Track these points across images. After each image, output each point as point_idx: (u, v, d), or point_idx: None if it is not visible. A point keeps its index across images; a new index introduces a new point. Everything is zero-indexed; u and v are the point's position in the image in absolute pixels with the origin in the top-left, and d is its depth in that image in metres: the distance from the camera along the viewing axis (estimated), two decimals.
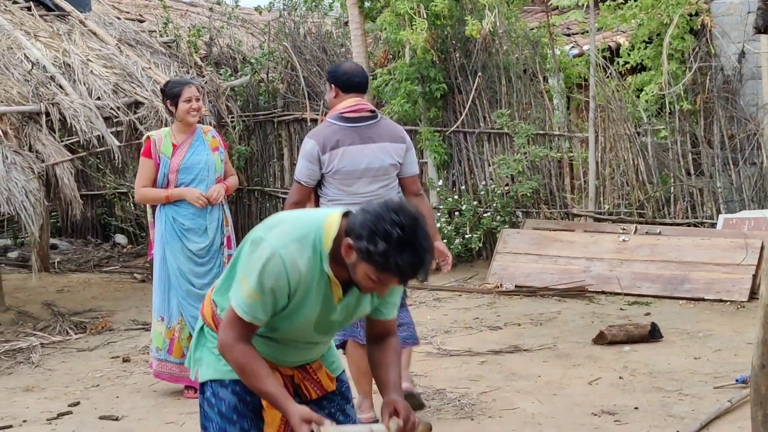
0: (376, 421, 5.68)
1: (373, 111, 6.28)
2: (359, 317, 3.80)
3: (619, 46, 12.11)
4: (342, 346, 6.13)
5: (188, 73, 11.01)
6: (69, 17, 11.22)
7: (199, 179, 7.13)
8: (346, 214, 3.57)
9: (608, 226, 10.58)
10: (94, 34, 10.94)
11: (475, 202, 11.23)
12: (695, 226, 10.42)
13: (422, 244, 3.41)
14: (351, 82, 6.29)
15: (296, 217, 3.67)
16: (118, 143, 9.81)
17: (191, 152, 7.13)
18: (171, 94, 7.12)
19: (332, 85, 6.32)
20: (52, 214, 14.06)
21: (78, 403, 7.18)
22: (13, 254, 13.53)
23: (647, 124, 10.80)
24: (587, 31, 11.58)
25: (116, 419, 6.81)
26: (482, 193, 11.29)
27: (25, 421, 6.84)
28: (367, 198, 5.96)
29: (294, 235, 3.55)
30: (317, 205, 6.22)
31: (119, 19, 11.80)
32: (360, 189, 6.17)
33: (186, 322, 7.09)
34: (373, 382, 4.21)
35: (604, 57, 11.19)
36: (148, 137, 7.19)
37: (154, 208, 7.27)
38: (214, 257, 7.16)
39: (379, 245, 3.36)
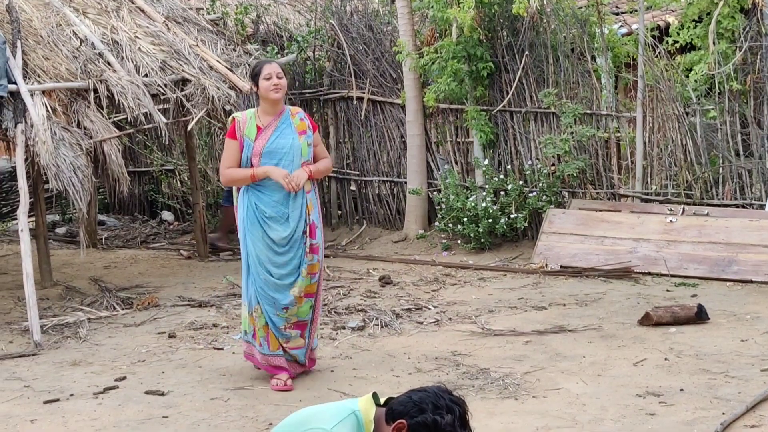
0: None
1: None
2: None
3: (668, 25, 11.98)
4: None
5: (235, 51, 11.02)
6: None
7: (283, 164, 6.83)
8: (377, 402, 3.74)
9: (655, 207, 10.50)
10: (142, 11, 10.96)
11: (521, 182, 11.18)
12: (743, 207, 10.31)
13: (471, 426, 3.69)
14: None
15: (324, 410, 3.78)
16: (165, 120, 9.85)
17: (276, 135, 6.86)
18: (252, 73, 7.01)
19: None
20: (100, 190, 14.16)
21: (124, 377, 7.25)
22: (61, 230, 13.66)
23: (696, 104, 10.68)
24: (636, 10, 11.46)
25: (162, 394, 6.87)
26: (528, 172, 11.24)
27: (72, 394, 6.91)
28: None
29: (338, 418, 3.69)
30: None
31: None
32: None
33: (263, 311, 6.89)
34: None
35: (653, 36, 11.07)
36: (233, 118, 6.96)
37: (238, 191, 7.02)
38: (295, 247, 6.86)
39: (446, 417, 3.59)
